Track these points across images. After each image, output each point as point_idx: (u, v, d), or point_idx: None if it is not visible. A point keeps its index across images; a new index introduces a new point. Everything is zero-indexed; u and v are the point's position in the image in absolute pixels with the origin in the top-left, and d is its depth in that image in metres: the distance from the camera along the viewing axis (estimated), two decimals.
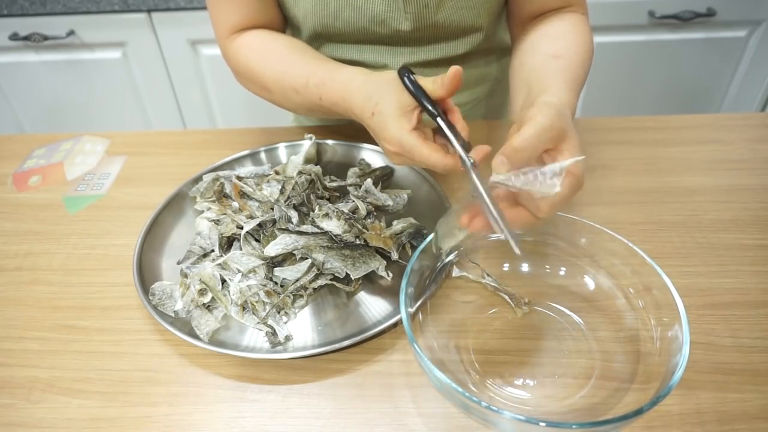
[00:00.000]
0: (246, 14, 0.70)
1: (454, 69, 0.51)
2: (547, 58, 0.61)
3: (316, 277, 0.57)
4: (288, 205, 0.63)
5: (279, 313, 0.55)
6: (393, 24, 0.71)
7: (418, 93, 0.52)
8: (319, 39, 0.76)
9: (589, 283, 0.55)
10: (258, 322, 0.54)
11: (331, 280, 0.57)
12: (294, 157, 0.71)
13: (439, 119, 0.52)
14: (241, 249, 0.60)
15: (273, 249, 0.57)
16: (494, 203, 0.45)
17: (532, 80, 0.57)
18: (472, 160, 0.49)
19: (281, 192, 0.64)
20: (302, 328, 0.55)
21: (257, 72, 0.69)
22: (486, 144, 0.50)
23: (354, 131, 0.80)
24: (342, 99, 0.60)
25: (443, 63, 0.78)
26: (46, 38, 1.41)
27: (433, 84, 0.52)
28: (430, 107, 0.52)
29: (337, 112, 0.63)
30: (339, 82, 0.60)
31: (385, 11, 0.70)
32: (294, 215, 0.61)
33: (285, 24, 0.78)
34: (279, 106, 0.71)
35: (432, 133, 0.56)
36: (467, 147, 0.51)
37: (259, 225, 0.61)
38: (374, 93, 0.56)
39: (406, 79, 0.53)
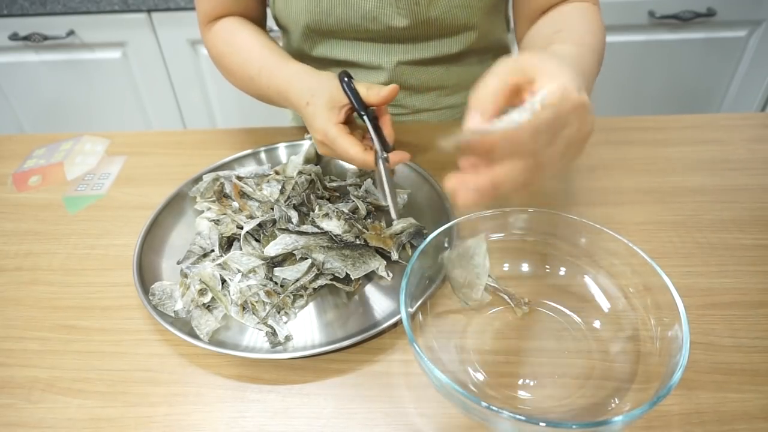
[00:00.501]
0: (220, 2, 0.74)
1: (393, 86, 0.58)
2: (549, 34, 0.61)
3: (316, 277, 0.57)
4: (288, 205, 0.63)
5: (279, 313, 0.55)
6: (385, 20, 0.71)
7: (350, 93, 0.58)
8: (312, 38, 0.77)
9: (589, 283, 0.55)
10: (258, 322, 0.54)
11: (331, 280, 0.57)
12: (294, 157, 0.71)
13: (364, 117, 0.58)
14: (241, 249, 0.60)
15: (273, 249, 0.57)
16: (393, 196, 0.57)
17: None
18: (385, 155, 0.58)
19: (281, 192, 0.64)
20: (302, 328, 0.55)
21: (225, 59, 0.73)
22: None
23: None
24: (284, 89, 0.64)
25: (438, 61, 0.78)
26: (46, 38, 1.41)
27: (367, 90, 0.58)
28: (357, 106, 0.58)
29: (279, 101, 0.68)
30: (285, 73, 0.65)
31: (376, 7, 0.70)
32: (294, 215, 0.61)
33: (263, 13, 0.80)
34: (244, 92, 0.74)
35: (362, 134, 0.62)
36: (387, 147, 0.59)
37: (259, 225, 0.61)
38: (312, 86, 0.61)
39: (343, 83, 0.59)
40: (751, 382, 0.48)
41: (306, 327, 0.55)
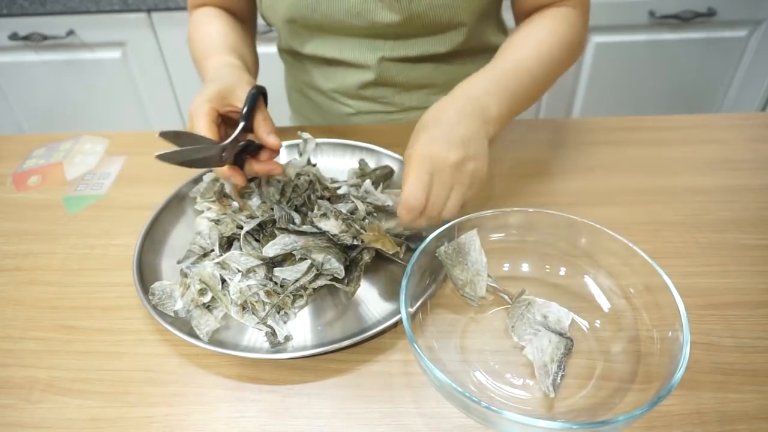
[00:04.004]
0: None
1: (277, 143, 0.58)
2: (503, 47, 0.65)
3: (316, 277, 0.57)
4: (290, 206, 0.62)
5: (279, 313, 0.55)
6: (369, 16, 0.71)
7: (248, 99, 0.57)
8: (299, 34, 0.77)
9: (589, 283, 0.55)
10: (258, 322, 0.54)
11: (330, 280, 0.57)
12: (295, 160, 0.71)
13: (241, 124, 0.57)
14: (241, 249, 0.60)
15: (271, 249, 0.57)
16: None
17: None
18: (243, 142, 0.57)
19: (282, 194, 0.64)
20: (302, 328, 0.55)
21: (191, 42, 0.76)
22: None
23: (352, 131, 0.80)
24: (205, 75, 0.67)
25: (425, 60, 0.78)
26: (45, 38, 1.41)
27: (263, 120, 0.59)
28: (242, 112, 0.57)
29: (202, 75, 0.69)
30: (214, 62, 0.67)
31: (360, 3, 0.70)
32: (296, 216, 0.61)
33: (251, 7, 0.82)
34: None
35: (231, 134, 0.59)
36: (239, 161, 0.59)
37: (259, 225, 0.61)
38: (224, 76, 0.61)
39: (253, 89, 0.58)
40: (751, 382, 0.48)
41: (306, 327, 0.55)
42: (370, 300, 0.57)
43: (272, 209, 0.62)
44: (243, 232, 0.60)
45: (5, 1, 1.36)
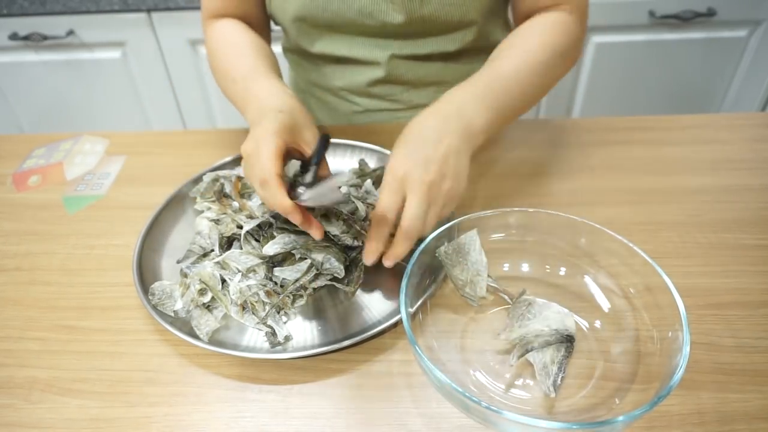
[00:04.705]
0: (223, 3, 0.75)
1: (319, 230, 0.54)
2: (495, 52, 0.65)
3: (316, 276, 0.57)
4: None
5: (279, 313, 0.55)
6: (380, 16, 0.71)
7: (319, 151, 0.55)
8: (308, 33, 0.77)
9: (589, 283, 0.55)
10: (257, 322, 0.54)
11: (330, 280, 0.57)
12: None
13: (313, 169, 0.54)
14: (241, 248, 0.60)
15: (271, 248, 0.57)
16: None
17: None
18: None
19: None
20: (302, 328, 0.55)
21: (217, 57, 0.71)
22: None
23: (354, 131, 0.80)
24: (257, 95, 0.60)
25: (435, 58, 0.78)
26: (45, 38, 1.41)
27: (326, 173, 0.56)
28: (316, 154, 0.54)
29: (238, 98, 0.64)
30: (264, 84, 0.61)
31: (371, 3, 0.70)
32: None
33: (265, 21, 0.81)
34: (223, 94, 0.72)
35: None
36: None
37: (259, 225, 0.61)
38: (292, 110, 0.55)
39: (323, 139, 0.55)
40: (752, 382, 0.48)
41: (306, 327, 0.55)
42: (370, 300, 0.57)
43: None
44: (243, 231, 0.60)
45: (5, 1, 1.36)
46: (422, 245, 0.52)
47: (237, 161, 0.74)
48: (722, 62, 1.47)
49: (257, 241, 0.60)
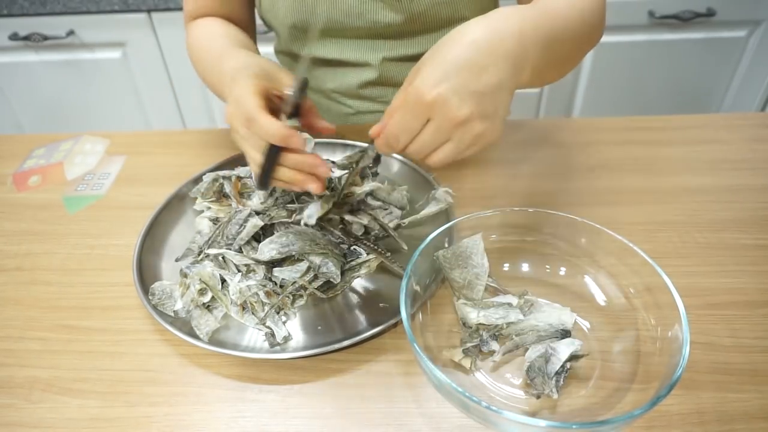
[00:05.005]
0: (202, 3, 0.75)
1: (333, 128, 0.55)
2: None
3: (316, 277, 0.57)
4: (279, 207, 0.62)
5: (278, 313, 0.55)
6: (369, 16, 0.71)
7: (299, 86, 0.51)
8: (300, 38, 0.77)
9: (589, 283, 0.55)
10: (257, 323, 0.54)
11: (322, 285, 0.57)
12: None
13: (293, 103, 0.51)
14: (241, 250, 0.60)
15: (267, 253, 0.56)
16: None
17: None
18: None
19: (271, 194, 0.64)
20: (302, 328, 0.55)
21: (194, 50, 0.73)
22: None
23: (346, 131, 0.80)
24: (227, 67, 0.58)
25: None
26: (45, 38, 1.41)
27: (312, 107, 0.55)
28: (294, 95, 0.51)
29: (216, 80, 0.63)
30: (237, 54, 0.60)
31: (360, 3, 0.70)
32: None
33: (250, 17, 0.80)
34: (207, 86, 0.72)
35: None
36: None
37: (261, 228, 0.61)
38: (260, 62, 0.55)
39: (301, 77, 0.52)
40: (751, 381, 0.48)
41: (306, 327, 0.55)
42: (371, 300, 0.57)
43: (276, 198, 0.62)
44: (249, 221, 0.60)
45: (5, 1, 1.36)
46: (422, 245, 0.52)
47: (237, 161, 0.74)
48: (722, 62, 1.47)
49: (257, 241, 0.60)
